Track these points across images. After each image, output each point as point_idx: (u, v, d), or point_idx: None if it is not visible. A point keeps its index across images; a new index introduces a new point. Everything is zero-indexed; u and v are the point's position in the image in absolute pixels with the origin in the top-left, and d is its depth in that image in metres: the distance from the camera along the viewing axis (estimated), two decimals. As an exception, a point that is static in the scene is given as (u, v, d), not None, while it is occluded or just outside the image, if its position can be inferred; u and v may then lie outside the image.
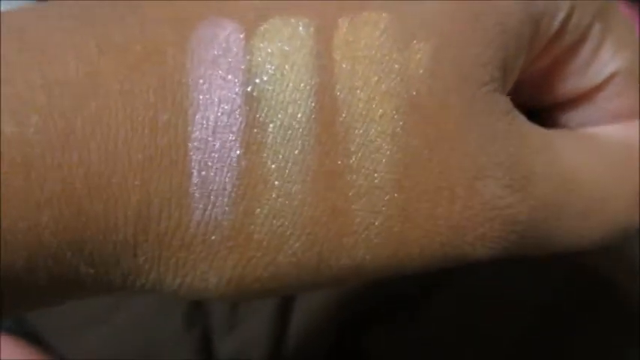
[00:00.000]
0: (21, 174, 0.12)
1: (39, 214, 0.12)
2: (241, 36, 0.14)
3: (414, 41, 0.14)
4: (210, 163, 0.13)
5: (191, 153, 0.13)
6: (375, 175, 0.14)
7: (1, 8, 0.14)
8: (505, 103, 0.15)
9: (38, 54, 0.13)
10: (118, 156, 0.13)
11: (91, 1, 0.14)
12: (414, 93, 0.14)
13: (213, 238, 0.13)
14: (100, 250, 0.13)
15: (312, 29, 0.14)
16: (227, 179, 0.13)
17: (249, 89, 0.13)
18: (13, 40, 0.13)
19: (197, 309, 0.31)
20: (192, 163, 0.13)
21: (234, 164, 0.13)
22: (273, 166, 0.14)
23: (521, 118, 0.16)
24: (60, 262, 0.13)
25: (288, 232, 0.14)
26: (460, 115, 0.15)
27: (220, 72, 0.13)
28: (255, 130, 0.13)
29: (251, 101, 0.13)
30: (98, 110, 0.13)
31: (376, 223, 0.14)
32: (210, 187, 0.13)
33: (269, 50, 0.14)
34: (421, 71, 0.14)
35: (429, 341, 0.29)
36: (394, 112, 0.14)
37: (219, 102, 0.13)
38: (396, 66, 0.14)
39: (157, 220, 0.13)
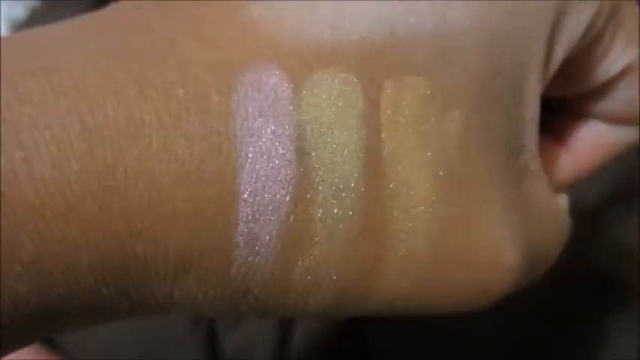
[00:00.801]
0: (61, 217, 0.12)
1: (78, 255, 0.12)
2: (290, 87, 0.13)
3: (449, 109, 0.14)
4: (257, 216, 0.13)
5: (239, 205, 0.13)
6: (414, 241, 0.14)
7: (2, 8, 0.14)
8: (524, 167, 0.16)
9: (76, 98, 0.12)
10: (162, 204, 0.13)
11: (125, 35, 0.14)
12: (449, 161, 0.15)
13: (251, 280, 0.14)
14: (137, 287, 0.13)
15: (359, 89, 0.14)
16: (273, 232, 0.13)
17: (300, 145, 0.13)
18: (48, 82, 0.12)
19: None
20: (240, 215, 0.13)
21: (282, 218, 0.13)
22: (320, 223, 0.14)
23: (540, 180, 0.17)
24: (94, 297, 0.13)
25: (324, 284, 0.14)
26: (486, 183, 0.15)
27: (270, 125, 0.13)
28: (306, 187, 0.13)
29: (302, 157, 0.13)
30: (140, 158, 0.12)
31: (404, 285, 0.15)
32: (256, 239, 0.13)
33: (319, 106, 0.14)
34: (454, 140, 0.15)
35: (431, 342, 0.29)
36: (433, 179, 0.14)
37: (270, 156, 0.13)
38: (435, 134, 0.14)
39: (198, 262, 0.13)
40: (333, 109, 0.14)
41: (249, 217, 0.13)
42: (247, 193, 0.13)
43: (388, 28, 0.14)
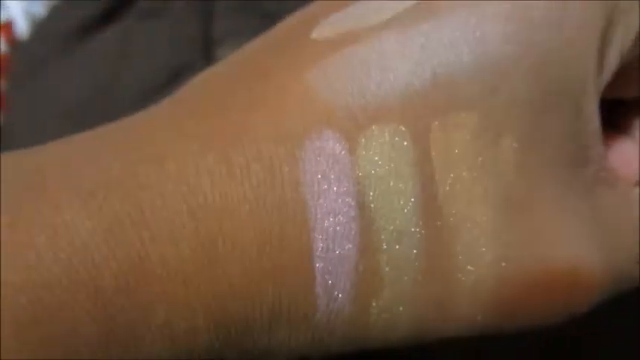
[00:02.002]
0: (181, 286, 0.14)
1: (196, 318, 0.14)
2: (345, 148, 0.15)
3: (500, 135, 0.15)
4: (331, 268, 0.15)
5: (314, 261, 0.14)
6: (481, 271, 0.15)
7: (21, 4, 0.15)
8: (593, 178, 0.16)
9: (179, 182, 0.14)
10: (253, 267, 0.14)
11: (207, 117, 0.15)
12: (508, 189, 0.15)
13: (335, 324, 0.15)
14: (242, 340, 0.15)
15: (408, 136, 0.15)
16: (346, 279, 0.15)
17: (360, 200, 0.15)
18: (160, 169, 0.14)
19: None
20: (316, 270, 0.15)
21: (352, 268, 0.15)
22: (387, 268, 0.15)
23: (613, 189, 0.17)
24: (210, 352, 0.15)
25: (400, 320, 0.15)
26: (553, 200, 0.15)
27: (333, 186, 0.14)
28: (370, 237, 0.15)
29: (363, 211, 0.15)
30: (233, 230, 0.14)
31: (478, 315, 0.15)
32: (332, 288, 0.15)
33: (374, 160, 0.15)
34: (510, 167, 0.15)
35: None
36: (493, 210, 0.15)
37: (335, 214, 0.14)
38: (489, 166, 0.15)
39: (287, 314, 0.15)
40: (387, 161, 0.15)
41: (324, 270, 0.15)
42: (320, 249, 0.15)
43: (429, 71, 0.15)
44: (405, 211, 0.15)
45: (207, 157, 0.14)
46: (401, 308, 0.15)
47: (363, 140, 0.15)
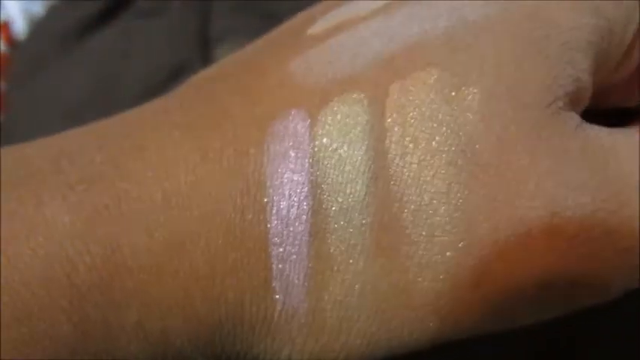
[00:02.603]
0: (154, 282, 0.14)
1: (167, 317, 0.14)
2: (306, 123, 0.14)
3: (462, 88, 0.14)
4: (285, 256, 0.14)
5: (270, 248, 0.14)
6: (435, 240, 0.14)
7: (20, 4, 0.15)
8: (575, 119, 0.15)
9: (158, 170, 0.14)
10: (218, 258, 0.14)
11: (193, 108, 0.15)
12: (467, 140, 0.14)
13: (291, 326, 0.14)
14: (210, 343, 0.15)
15: (365, 102, 0.14)
16: (300, 268, 0.14)
17: (313, 177, 0.14)
18: (140, 159, 0.14)
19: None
20: (272, 258, 0.14)
21: (304, 253, 0.14)
22: (336, 250, 0.14)
23: (597, 130, 0.15)
24: (182, 357, 0.14)
25: (356, 314, 0.14)
26: (525, 147, 0.14)
27: (290, 164, 0.14)
28: (320, 217, 0.14)
29: (315, 189, 0.14)
30: (200, 217, 0.14)
31: (443, 291, 0.14)
32: (287, 279, 0.14)
33: (330, 132, 0.14)
34: (472, 115, 0.14)
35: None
36: (448, 167, 0.14)
37: (290, 195, 0.14)
38: (446, 117, 0.14)
39: (249, 313, 0.14)
40: (342, 132, 0.14)
41: (279, 257, 0.14)
42: (275, 235, 0.14)
43: (401, 42, 0.15)
44: (354, 182, 0.14)
45: (185, 143, 0.14)
46: (356, 301, 0.14)
47: (324, 113, 0.14)
